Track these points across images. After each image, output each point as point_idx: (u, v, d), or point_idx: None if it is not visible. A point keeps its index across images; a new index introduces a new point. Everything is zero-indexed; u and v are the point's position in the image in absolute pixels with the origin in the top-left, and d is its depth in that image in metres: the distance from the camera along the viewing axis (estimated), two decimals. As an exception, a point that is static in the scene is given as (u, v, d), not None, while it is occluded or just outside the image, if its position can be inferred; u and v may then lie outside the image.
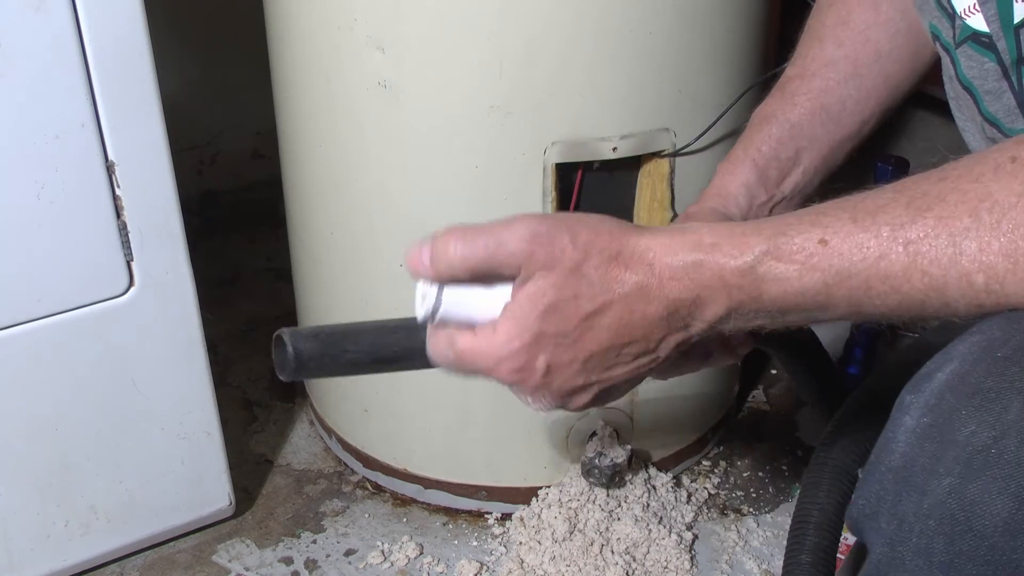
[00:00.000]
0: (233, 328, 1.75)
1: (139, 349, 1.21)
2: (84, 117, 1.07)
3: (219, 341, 1.67)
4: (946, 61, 0.72)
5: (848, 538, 1.22)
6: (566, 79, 1.13)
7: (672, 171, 1.22)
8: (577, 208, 1.23)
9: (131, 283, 1.17)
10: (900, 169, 1.71)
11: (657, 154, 1.21)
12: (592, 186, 1.22)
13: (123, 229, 1.14)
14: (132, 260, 1.16)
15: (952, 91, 0.74)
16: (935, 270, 0.54)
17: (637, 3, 1.11)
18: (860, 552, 0.66)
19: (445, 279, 0.65)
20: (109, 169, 1.11)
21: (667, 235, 0.61)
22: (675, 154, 1.21)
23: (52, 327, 1.15)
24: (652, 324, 0.62)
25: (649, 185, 1.23)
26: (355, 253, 1.30)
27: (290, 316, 1.56)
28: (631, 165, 1.22)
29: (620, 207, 1.26)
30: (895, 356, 0.91)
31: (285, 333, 0.69)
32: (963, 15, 0.66)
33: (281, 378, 0.69)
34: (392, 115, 1.17)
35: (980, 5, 0.65)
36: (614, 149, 1.17)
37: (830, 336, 1.72)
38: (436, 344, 0.67)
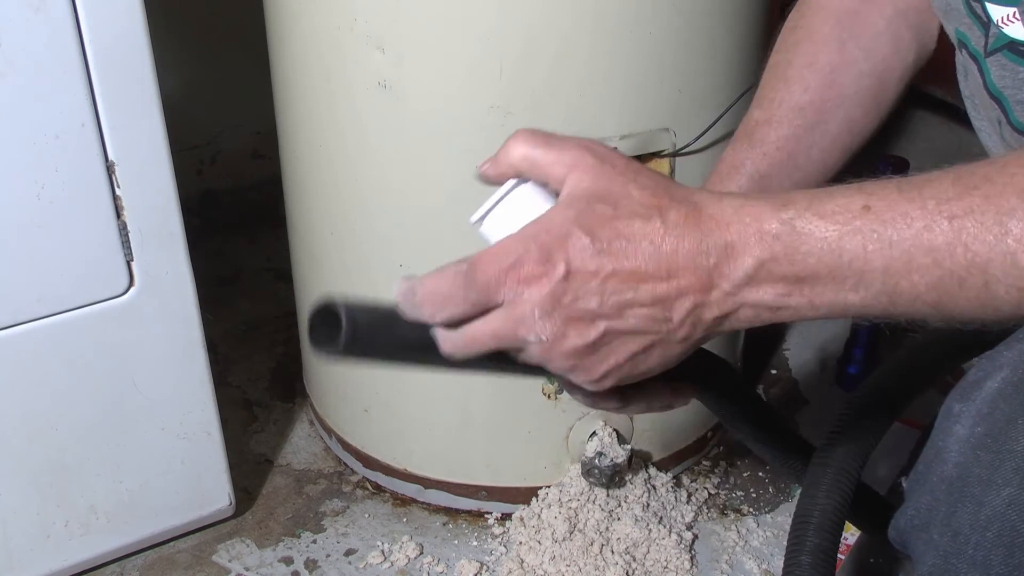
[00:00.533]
0: (233, 328, 1.75)
1: (139, 349, 1.21)
2: (84, 117, 1.07)
3: (219, 341, 1.67)
4: (972, 69, 0.71)
5: (848, 538, 1.23)
6: (566, 79, 1.13)
7: (672, 171, 1.22)
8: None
9: (131, 283, 1.17)
10: (900, 169, 1.71)
11: (657, 154, 1.21)
12: (592, 186, 1.22)
13: (123, 229, 1.14)
14: (132, 260, 1.16)
15: (977, 98, 0.73)
16: (979, 247, 0.52)
17: (637, 3, 1.11)
18: (862, 552, 0.66)
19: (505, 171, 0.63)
20: (109, 169, 1.11)
21: (711, 191, 0.59)
22: (675, 154, 1.21)
23: (52, 327, 1.15)
24: (680, 262, 0.56)
25: (649, 185, 1.23)
26: (355, 253, 1.30)
27: (290, 316, 1.56)
28: (631, 165, 1.22)
29: (620, 207, 1.26)
30: (896, 356, 0.90)
31: (337, 303, 0.59)
32: (1000, 23, 0.65)
33: (319, 352, 0.59)
34: (392, 115, 1.17)
35: (1020, 14, 0.63)
36: (614, 149, 1.17)
37: (829, 335, 1.72)
38: (444, 279, 0.61)
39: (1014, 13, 0.63)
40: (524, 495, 1.37)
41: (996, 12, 0.64)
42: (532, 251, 0.56)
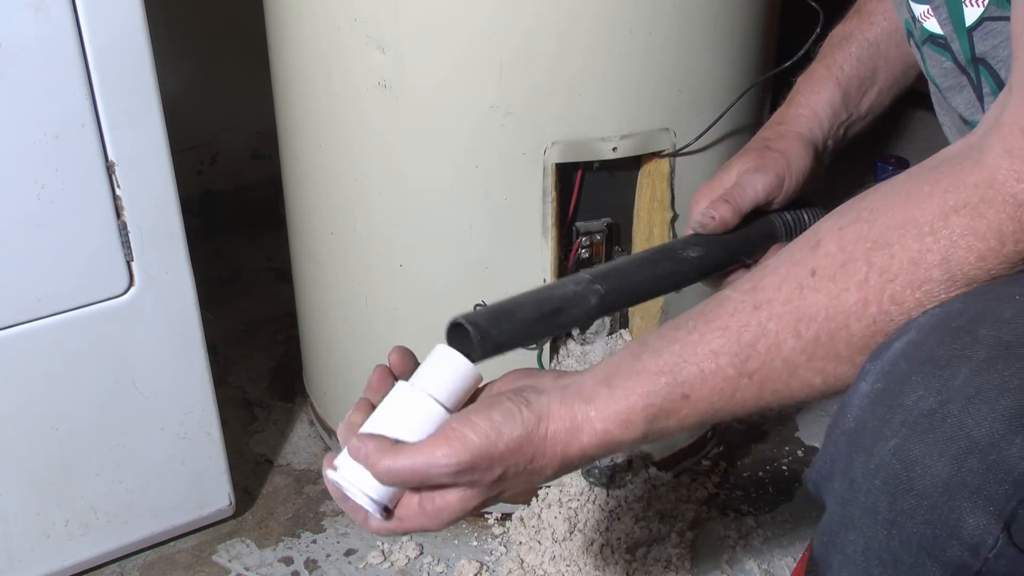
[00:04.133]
0: (233, 328, 1.75)
1: (139, 349, 1.21)
2: (84, 117, 1.07)
3: (219, 341, 1.67)
4: (918, 57, 0.77)
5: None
6: (566, 79, 1.13)
7: (672, 171, 1.22)
8: (577, 208, 1.23)
9: (131, 283, 1.17)
10: (900, 168, 1.71)
11: (657, 154, 1.21)
12: (592, 186, 1.22)
13: (123, 229, 1.14)
14: (132, 260, 1.16)
15: (931, 86, 0.78)
16: (780, 386, 0.65)
17: (637, 3, 1.11)
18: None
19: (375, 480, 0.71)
20: (109, 169, 1.11)
21: (566, 428, 0.68)
22: (675, 154, 1.21)
23: (52, 327, 1.15)
24: (556, 474, 0.71)
25: (649, 185, 1.23)
26: (355, 253, 1.30)
27: (290, 316, 1.56)
28: (631, 165, 1.22)
29: (620, 207, 1.26)
30: None
31: (460, 319, 0.74)
32: (920, 19, 0.71)
33: (471, 360, 0.73)
34: (392, 115, 1.17)
35: (933, 10, 0.70)
36: (614, 149, 1.17)
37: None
38: (369, 524, 0.74)
39: (928, 9, 0.70)
40: (524, 495, 1.37)
41: (916, 8, 0.72)
42: (447, 466, 0.68)
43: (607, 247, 1.27)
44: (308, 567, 1.34)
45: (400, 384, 0.74)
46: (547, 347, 1.29)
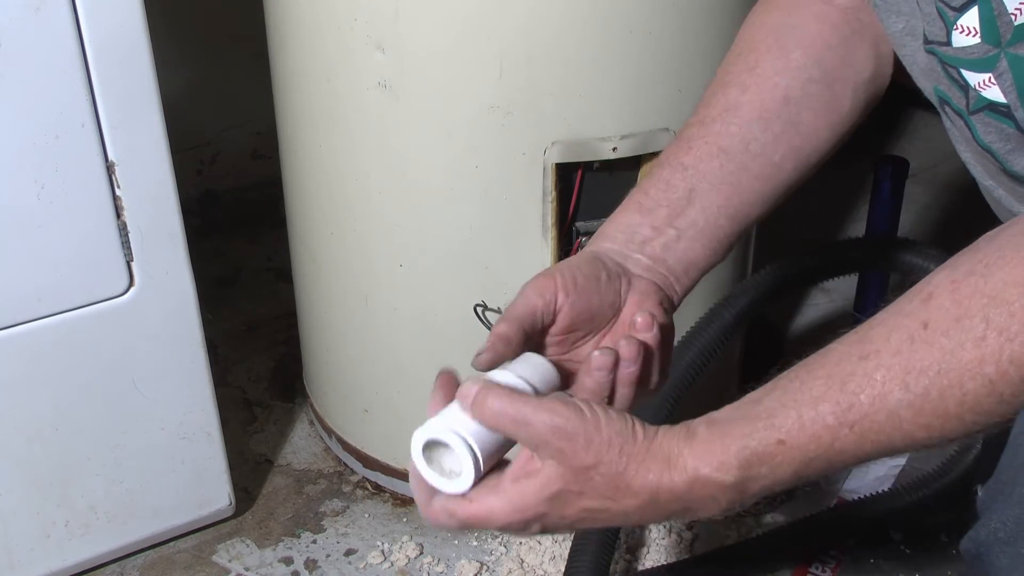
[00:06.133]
0: (233, 328, 1.75)
1: (139, 349, 1.21)
2: (84, 117, 1.07)
3: (219, 341, 1.67)
4: (959, 124, 0.73)
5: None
6: (566, 79, 1.13)
7: (672, 171, 1.22)
8: (577, 208, 1.23)
9: (131, 283, 1.17)
10: (900, 169, 1.71)
11: (657, 154, 1.21)
12: (592, 186, 1.22)
13: (123, 229, 1.14)
14: (132, 260, 1.16)
15: (967, 149, 0.74)
16: (882, 439, 0.62)
17: (637, 3, 1.11)
18: (859, 554, 0.67)
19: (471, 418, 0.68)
20: (109, 169, 1.11)
21: (663, 455, 0.66)
22: (675, 154, 1.21)
23: (52, 327, 1.15)
24: (647, 520, 0.69)
25: (649, 185, 1.23)
26: (355, 253, 1.30)
27: (290, 316, 1.56)
28: (631, 165, 1.22)
29: (620, 207, 1.26)
30: None
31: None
32: (978, 88, 0.68)
33: None
34: (392, 115, 1.17)
35: (996, 78, 0.66)
36: (614, 149, 1.17)
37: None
38: (436, 516, 0.69)
39: (989, 78, 0.67)
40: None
41: (972, 78, 0.68)
42: (507, 527, 0.68)
43: (607, 247, 1.27)
44: (308, 567, 1.34)
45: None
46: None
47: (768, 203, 0.83)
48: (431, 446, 0.67)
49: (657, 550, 1.31)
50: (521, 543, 1.32)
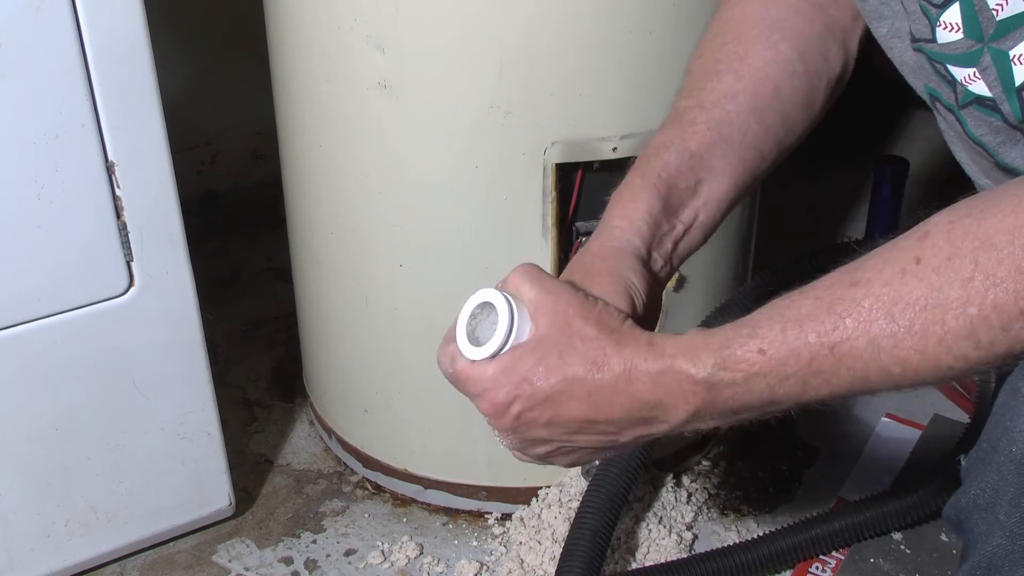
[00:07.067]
0: (233, 328, 1.75)
1: (139, 349, 1.21)
2: (84, 117, 1.07)
3: (219, 341, 1.67)
4: (950, 119, 0.74)
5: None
6: (566, 79, 1.13)
7: (672, 171, 1.22)
8: (577, 208, 1.23)
9: (131, 283, 1.17)
10: (900, 169, 1.71)
11: (657, 154, 1.21)
12: (592, 186, 1.22)
13: (123, 229, 1.14)
14: (132, 260, 1.16)
15: (959, 142, 0.75)
16: (858, 366, 0.62)
17: (637, 3, 1.11)
18: (859, 552, 0.67)
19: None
20: (109, 169, 1.11)
21: (643, 341, 0.68)
22: (675, 154, 1.21)
23: (52, 327, 1.15)
24: (619, 414, 0.68)
25: (649, 185, 1.23)
26: (355, 253, 1.30)
27: (290, 316, 1.56)
28: (631, 165, 1.22)
29: (620, 207, 1.26)
30: None
31: None
32: (964, 82, 0.69)
33: None
34: (392, 115, 1.17)
35: (980, 72, 0.68)
36: (614, 149, 1.17)
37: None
38: (443, 355, 0.72)
39: (974, 73, 0.68)
40: (524, 495, 1.37)
41: (958, 73, 0.69)
42: (492, 390, 0.70)
43: (607, 247, 1.27)
44: (308, 567, 1.34)
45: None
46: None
47: (748, 192, 0.85)
48: (479, 311, 0.72)
49: (657, 550, 1.31)
50: (521, 543, 1.32)
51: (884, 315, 0.61)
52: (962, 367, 0.60)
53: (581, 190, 1.22)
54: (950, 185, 0.71)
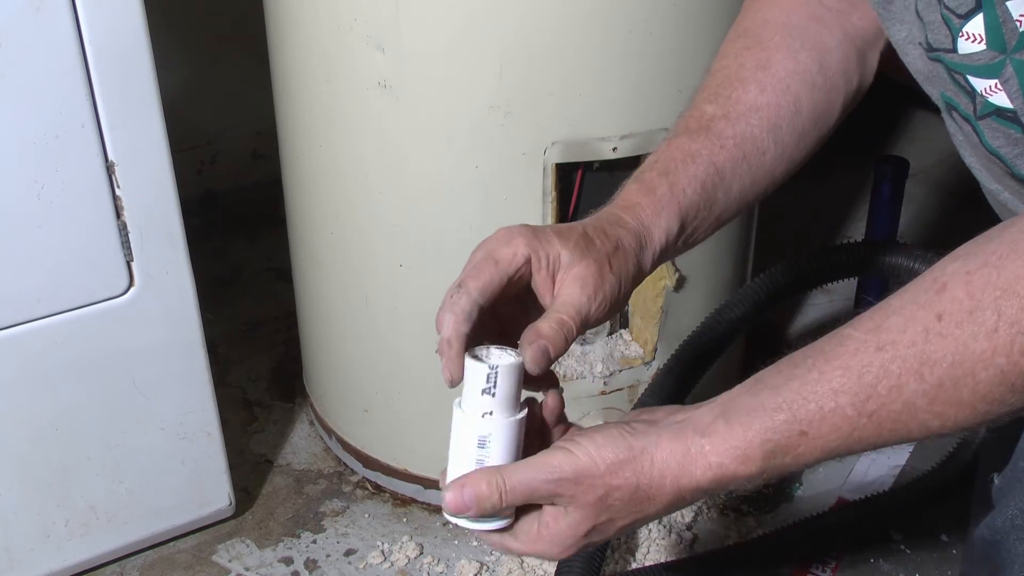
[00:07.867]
0: (233, 328, 1.75)
1: (139, 349, 1.21)
2: (84, 117, 1.07)
3: (219, 341, 1.67)
4: (966, 129, 0.74)
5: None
6: (566, 79, 1.13)
7: (672, 171, 1.22)
8: (577, 208, 1.23)
9: (131, 283, 1.17)
10: (900, 169, 1.71)
11: (657, 154, 1.21)
12: (592, 186, 1.22)
13: (123, 229, 1.14)
14: (132, 260, 1.16)
15: (974, 153, 0.75)
16: (898, 427, 0.64)
17: (637, 3, 1.11)
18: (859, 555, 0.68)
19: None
20: (109, 169, 1.11)
21: (678, 460, 0.68)
22: (675, 154, 1.21)
23: (52, 327, 1.15)
24: (667, 512, 0.71)
25: (649, 185, 1.23)
26: (355, 253, 1.30)
27: (290, 316, 1.56)
28: (631, 165, 1.22)
29: (620, 207, 1.26)
30: None
31: None
32: (984, 93, 0.69)
33: None
34: (392, 115, 1.17)
35: (1002, 84, 0.68)
36: (614, 149, 1.17)
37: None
38: (494, 542, 0.74)
39: (996, 84, 0.68)
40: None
41: (979, 84, 0.69)
42: (568, 553, 0.71)
43: (607, 247, 1.27)
44: (308, 567, 1.34)
45: (456, 412, 0.75)
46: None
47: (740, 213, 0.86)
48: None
49: (657, 550, 1.31)
50: (521, 543, 1.32)
51: (914, 377, 0.62)
52: (1001, 410, 0.61)
53: (581, 190, 1.22)
54: (950, 186, 0.70)
